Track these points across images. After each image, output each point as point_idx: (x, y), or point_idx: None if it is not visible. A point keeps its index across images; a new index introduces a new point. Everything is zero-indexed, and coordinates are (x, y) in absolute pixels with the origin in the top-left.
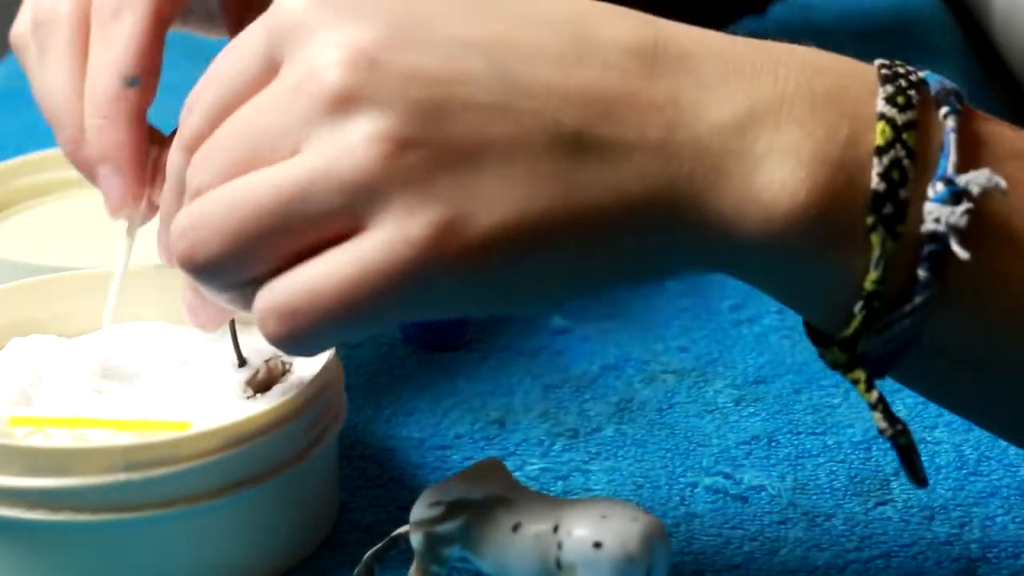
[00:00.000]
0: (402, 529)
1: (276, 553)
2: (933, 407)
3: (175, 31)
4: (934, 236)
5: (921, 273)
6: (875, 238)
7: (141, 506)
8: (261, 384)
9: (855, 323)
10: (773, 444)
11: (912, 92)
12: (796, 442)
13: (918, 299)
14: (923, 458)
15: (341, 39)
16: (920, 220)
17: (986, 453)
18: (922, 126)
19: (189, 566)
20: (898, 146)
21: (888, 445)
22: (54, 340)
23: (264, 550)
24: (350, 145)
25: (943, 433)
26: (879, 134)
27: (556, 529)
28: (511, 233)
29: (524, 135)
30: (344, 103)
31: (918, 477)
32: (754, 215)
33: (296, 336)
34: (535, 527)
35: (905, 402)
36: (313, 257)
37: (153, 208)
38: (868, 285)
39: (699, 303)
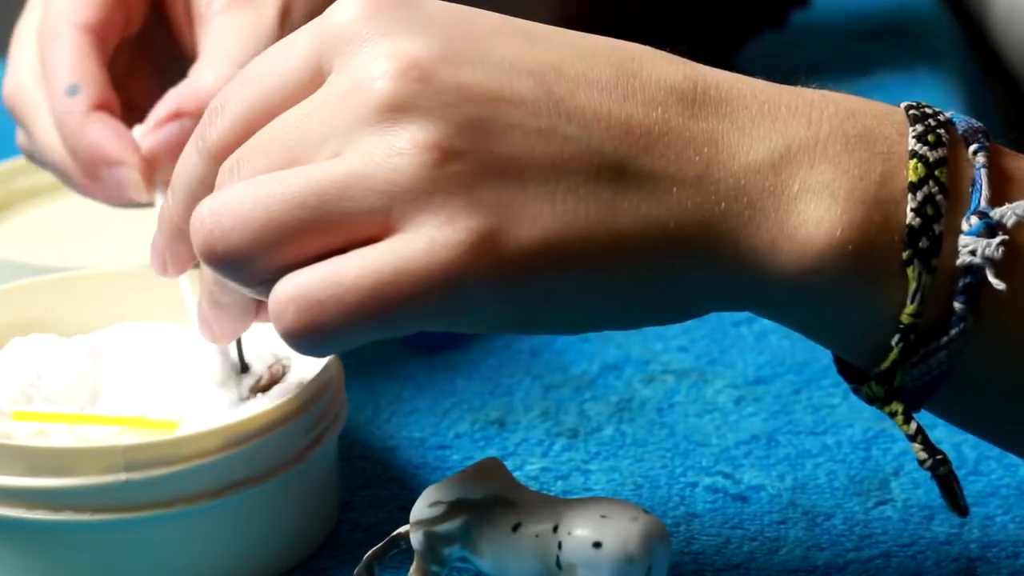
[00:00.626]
0: (402, 529)
1: (276, 553)
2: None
3: None
4: (969, 268)
5: (957, 305)
6: (911, 272)
7: (141, 506)
8: (263, 388)
9: (892, 356)
10: (773, 444)
11: (941, 131)
12: (796, 442)
13: (954, 331)
14: None
15: (394, 50)
16: (955, 253)
17: (986, 453)
18: (953, 163)
19: (189, 566)
20: (931, 182)
21: (888, 445)
22: (54, 340)
23: (264, 550)
24: (396, 149)
25: (943, 433)
26: (912, 171)
27: (556, 529)
28: (549, 250)
29: (568, 159)
30: (393, 111)
31: (959, 506)
32: (788, 251)
33: (313, 331)
34: (535, 527)
35: None
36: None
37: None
38: (904, 319)
39: None
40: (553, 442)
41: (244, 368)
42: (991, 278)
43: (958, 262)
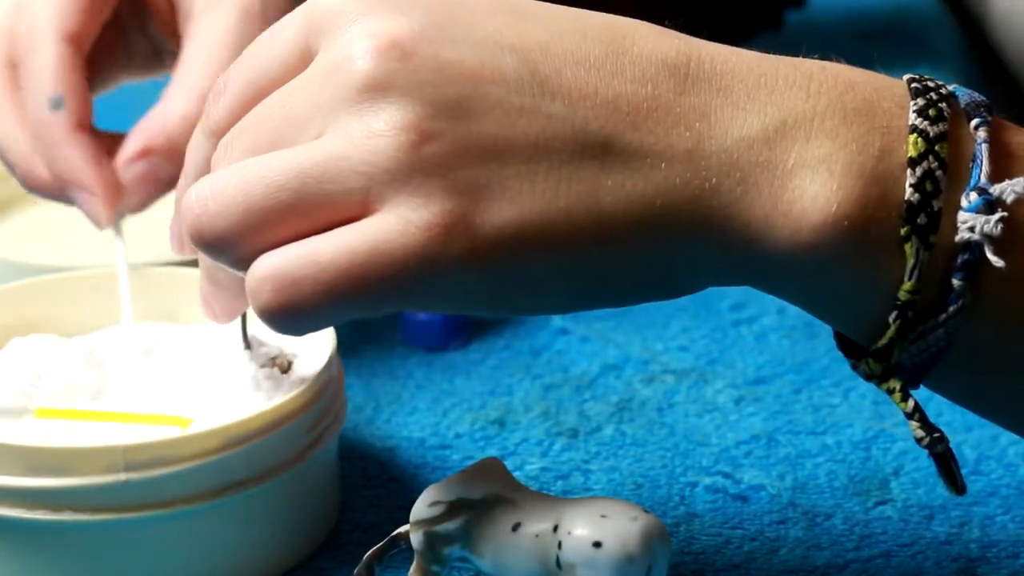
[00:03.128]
0: (402, 529)
1: (276, 553)
2: (933, 407)
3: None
4: (968, 245)
5: (955, 282)
6: (909, 248)
7: (141, 506)
8: (281, 367)
9: (889, 333)
10: (773, 444)
11: (943, 105)
12: (796, 442)
13: (952, 308)
14: (923, 458)
15: (376, 29)
16: (953, 230)
17: (986, 453)
18: (953, 138)
19: (189, 566)
20: (931, 158)
21: (888, 445)
22: (54, 340)
23: (264, 550)
24: (374, 131)
25: (943, 430)
26: (911, 146)
27: (556, 529)
28: (527, 231)
29: (550, 137)
30: (373, 91)
31: (956, 484)
32: (782, 227)
33: (289, 309)
34: (535, 527)
35: None
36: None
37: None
38: (902, 295)
39: (699, 303)
40: (553, 442)
41: (248, 345)
42: (990, 255)
43: (957, 239)
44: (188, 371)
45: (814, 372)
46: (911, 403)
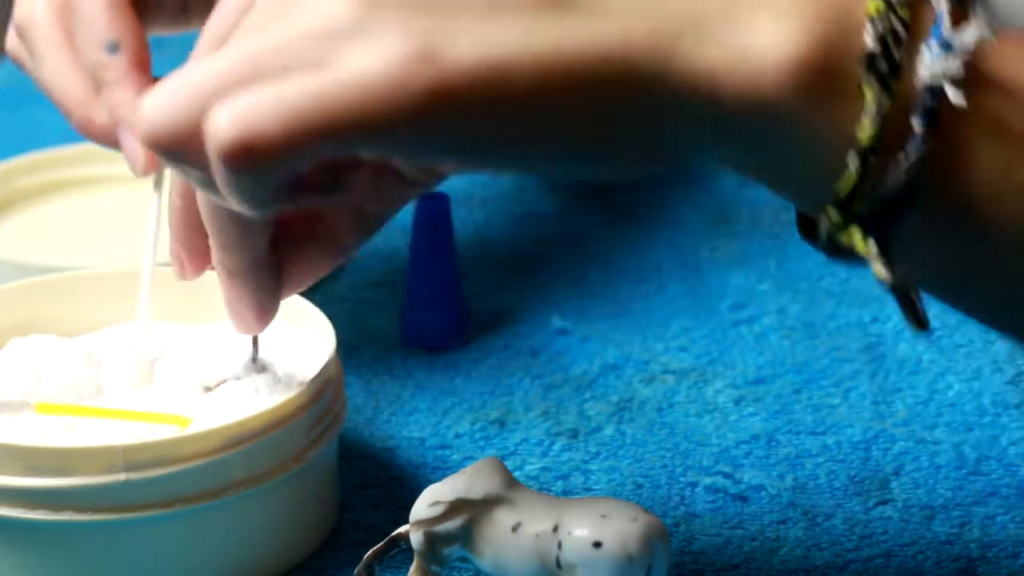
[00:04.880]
0: (402, 529)
1: (276, 553)
2: (933, 407)
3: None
4: (929, 89)
5: (915, 125)
6: (869, 93)
7: (141, 506)
8: None
9: (850, 178)
10: (773, 444)
11: None
12: (796, 442)
13: (912, 150)
14: (923, 458)
15: None
16: (915, 77)
17: (986, 453)
18: (915, 4)
19: (189, 566)
20: (892, 16)
21: (888, 445)
22: (54, 340)
23: (264, 550)
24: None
25: (943, 433)
26: (871, 4)
27: (556, 529)
28: (492, 64)
29: None
30: None
31: (920, 321)
32: (743, 72)
33: (249, 142)
34: (535, 527)
35: (905, 401)
36: None
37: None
38: (863, 140)
39: (699, 303)
40: (553, 442)
41: (255, 358)
42: (951, 93)
43: (917, 83)
44: (188, 371)
45: (814, 372)
46: (871, 244)
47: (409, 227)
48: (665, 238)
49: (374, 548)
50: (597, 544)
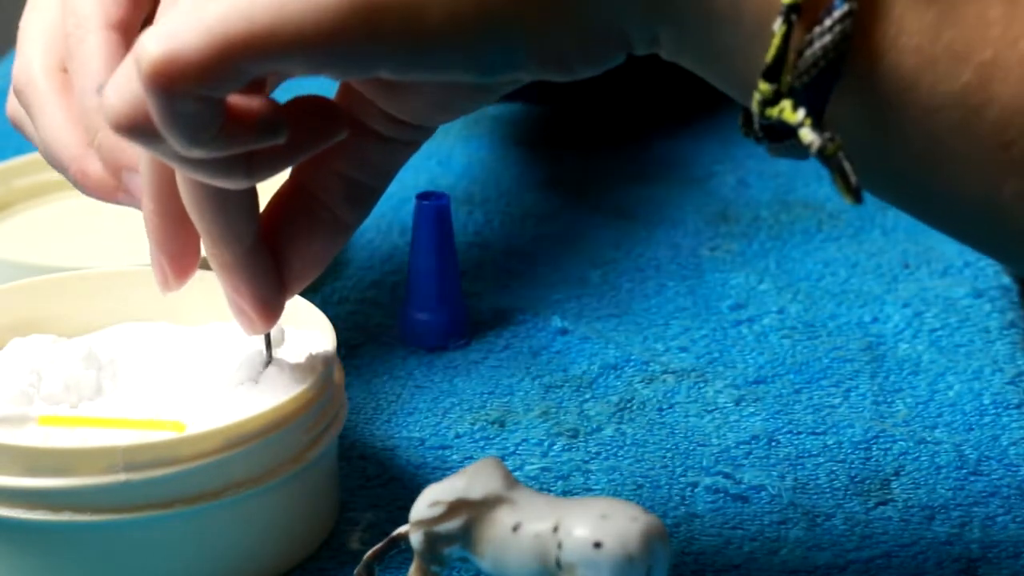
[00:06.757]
0: (402, 529)
1: (276, 553)
2: (933, 407)
3: None
4: None
5: None
6: None
7: (141, 506)
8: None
9: (775, 42)
10: (773, 444)
11: None
12: (796, 442)
13: (837, 11)
14: (923, 458)
15: None
16: None
17: (986, 453)
18: None
19: (189, 566)
20: None
21: (888, 445)
22: (54, 340)
23: (264, 550)
24: None
25: (943, 433)
26: None
27: (556, 529)
28: None
29: None
30: None
31: (851, 190)
32: None
33: (168, 59)
34: (535, 527)
35: (905, 401)
36: None
37: None
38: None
39: (699, 303)
40: (553, 442)
41: (270, 360)
42: None
43: None
44: (188, 372)
45: (814, 372)
46: (800, 111)
47: (409, 227)
48: (665, 238)
49: (374, 548)
50: (597, 544)
